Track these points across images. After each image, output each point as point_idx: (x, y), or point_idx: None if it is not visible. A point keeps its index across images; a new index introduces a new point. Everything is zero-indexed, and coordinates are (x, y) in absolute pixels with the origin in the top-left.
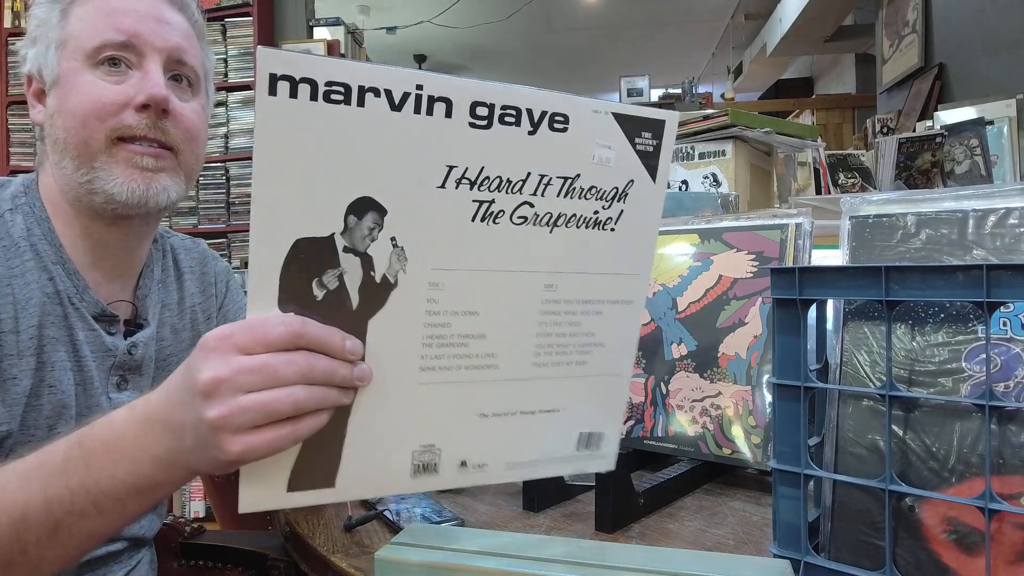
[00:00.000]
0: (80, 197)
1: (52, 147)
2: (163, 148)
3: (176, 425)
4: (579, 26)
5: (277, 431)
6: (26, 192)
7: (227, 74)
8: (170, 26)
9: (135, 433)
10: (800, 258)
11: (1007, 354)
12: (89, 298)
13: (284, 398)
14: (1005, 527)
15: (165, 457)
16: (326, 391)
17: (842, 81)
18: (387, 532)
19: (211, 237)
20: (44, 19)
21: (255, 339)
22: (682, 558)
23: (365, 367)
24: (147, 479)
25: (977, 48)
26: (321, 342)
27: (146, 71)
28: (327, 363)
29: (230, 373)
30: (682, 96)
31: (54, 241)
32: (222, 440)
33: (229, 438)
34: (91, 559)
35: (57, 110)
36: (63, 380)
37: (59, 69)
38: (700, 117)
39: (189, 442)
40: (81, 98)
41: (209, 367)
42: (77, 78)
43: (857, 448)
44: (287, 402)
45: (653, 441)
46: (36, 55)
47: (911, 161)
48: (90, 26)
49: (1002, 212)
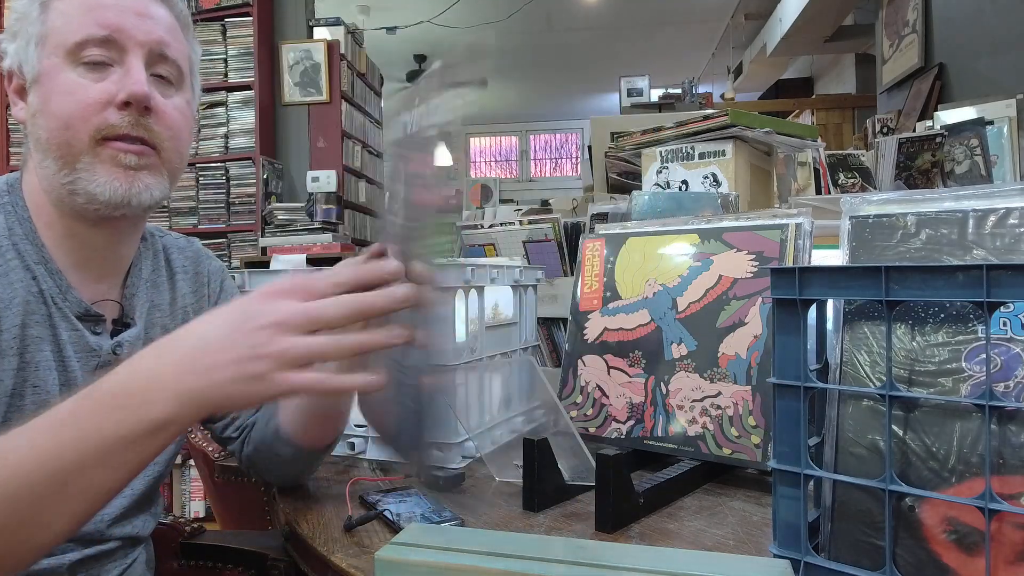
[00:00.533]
0: (63, 198)
1: (35, 146)
2: (145, 146)
3: (213, 364)
4: (579, 26)
5: (318, 375)
6: (9, 191)
7: (227, 74)
8: (153, 20)
9: (157, 371)
10: (800, 258)
11: (1007, 354)
12: (72, 298)
13: (329, 342)
14: (1005, 527)
15: (188, 394)
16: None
17: (842, 81)
18: (387, 532)
19: (211, 237)
20: (24, 13)
21: (307, 288)
22: (682, 558)
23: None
24: (164, 415)
25: (977, 48)
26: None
27: (128, 67)
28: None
29: (289, 314)
30: (682, 96)
31: (36, 241)
32: (273, 375)
33: (278, 374)
34: (84, 558)
35: (39, 109)
36: (47, 380)
37: (40, 66)
38: (700, 117)
39: (229, 375)
40: (63, 98)
41: (272, 308)
42: (58, 76)
43: (857, 448)
44: (332, 346)
45: (653, 441)
46: (16, 50)
47: (911, 161)
48: (71, 21)
49: (1002, 212)
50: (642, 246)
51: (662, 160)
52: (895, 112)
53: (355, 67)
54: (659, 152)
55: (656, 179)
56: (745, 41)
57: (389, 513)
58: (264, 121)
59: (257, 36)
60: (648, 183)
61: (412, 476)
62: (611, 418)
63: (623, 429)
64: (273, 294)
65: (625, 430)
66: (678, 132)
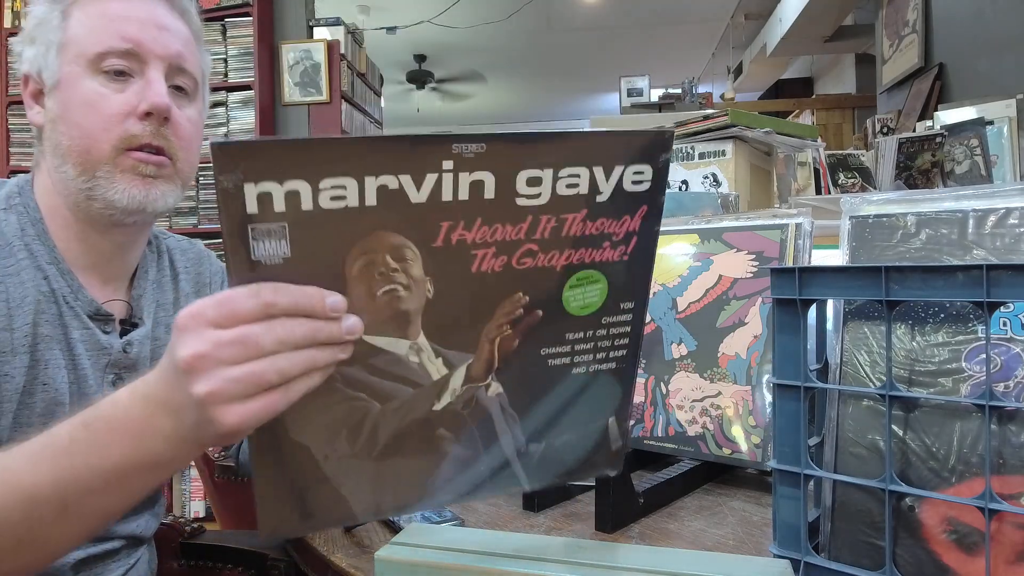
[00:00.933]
0: (79, 202)
1: (52, 151)
2: (162, 156)
3: (175, 405)
4: (579, 26)
5: (268, 397)
6: (20, 193)
7: (227, 74)
8: (171, 33)
9: (140, 413)
10: (800, 258)
11: (1007, 354)
12: (83, 297)
13: (268, 367)
14: (1005, 527)
15: (172, 435)
16: (313, 353)
17: (842, 81)
18: (387, 532)
19: (211, 237)
20: (43, 19)
21: (225, 313)
22: (682, 558)
23: (354, 319)
24: (156, 455)
25: (977, 48)
26: (296, 305)
27: (148, 79)
28: (308, 325)
29: (209, 348)
30: (682, 96)
31: (47, 242)
32: (217, 414)
33: (223, 410)
34: (88, 557)
35: (60, 116)
36: (57, 378)
37: (60, 73)
38: (700, 117)
39: (191, 419)
40: (85, 108)
41: (187, 345)
42: (79, 84)
43: (857, 448)
44: (272, 371)
45: (653, 441)
46: (35, 56)
47: (911, 161)
48: (93, 31)
49: (1002, 212)
50: None
51: None
52: (895, 112)
53: (355, 67)
54: None
55: None
56: (745, 41)
57: None
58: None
59: (257, 36)
60: None
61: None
62: None
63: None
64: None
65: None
66: (678, 132)
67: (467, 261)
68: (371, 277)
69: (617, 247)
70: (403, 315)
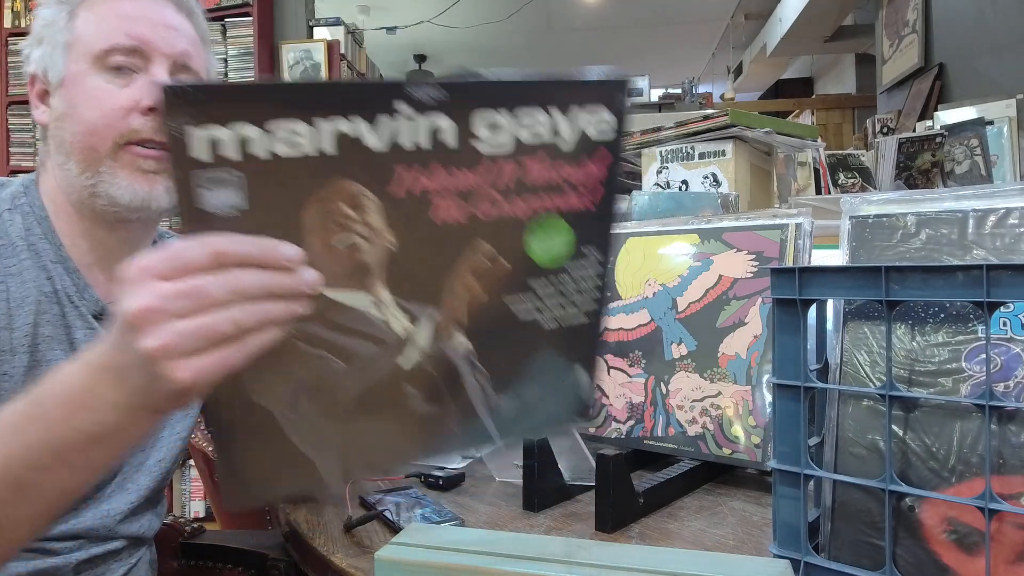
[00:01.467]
0: (83, 199)
1: (56, 149)
2: (165, 151)
3: (120, 366)
4: (579, 26)
5: (222, 351)
6: (26, 192)
7: (227, 74)
8: (177, 32)
9: (84, 381)
10: (800, 258)
11: (1007, 354)
12: (89, 297)
13: (221, 319)
14: (1005, 527)
15: (120, 402)
16: (268, 306)
17: (842, 81)
18: (387, 532)
19: None
20: (51, 20)
21: (175, 265)
22: (682, 558)
23: (312, 272)
24: (109, 426)
25: (977, 48)
26: (249, 256)
27: (153, 76)
28: (262, 276)
29: (157, 301)
30: (682, 96)
31: (54, 240)
32: (168, 370)
33: (174, 366)
34: (90, 558)
35: (64, 113)
36: None
37: (66, 71)
38: (700, 117)
39: (140, 382)
40: (89, 103)
41: (134, 299)
42: (84, 81)
43: (857, 448)
44: (225, 322)
45: (653, 441)
46: (42, 56)
47: (911, 161)
48: (99, 29)
49: (1002, 212)
50: (642, 246)
51: (662, 160)
52: (895, 112)
53: (355, 67)
54: (659, 152)
55: (656, 179)
56: (745, 41)
57: (389, 513)
58: None
59: (257, 36)
60: (648, 183)
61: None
62: (611, 418)
63: (623, 429)
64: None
65: (625, 430)
66: (678, 132)
67: (428, 210)
68: (328, 227)
69: (583, 197)
70: (363, 267)
